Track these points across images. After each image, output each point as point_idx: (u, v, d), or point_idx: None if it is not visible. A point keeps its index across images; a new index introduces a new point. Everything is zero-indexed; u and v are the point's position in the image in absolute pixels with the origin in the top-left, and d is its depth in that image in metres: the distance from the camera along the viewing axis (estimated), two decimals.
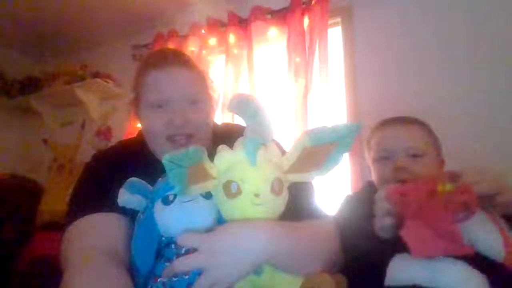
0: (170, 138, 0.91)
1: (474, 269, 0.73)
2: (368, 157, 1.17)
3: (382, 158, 1.08)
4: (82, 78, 2.50)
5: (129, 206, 0.81)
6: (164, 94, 0.92)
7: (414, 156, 1.03)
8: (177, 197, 0.74)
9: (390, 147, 1.07)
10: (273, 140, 0.79)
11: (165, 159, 0.66)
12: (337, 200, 1.14)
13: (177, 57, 0.98)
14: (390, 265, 0.79)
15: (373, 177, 1.13)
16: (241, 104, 0.71)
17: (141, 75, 0.95)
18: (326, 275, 0.75)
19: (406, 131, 1.09)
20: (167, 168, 0.66)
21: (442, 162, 1.13)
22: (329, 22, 1.98)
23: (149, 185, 0.81)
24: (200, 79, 0.98)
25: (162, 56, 0.97)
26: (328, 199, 1.67)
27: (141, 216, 0.79)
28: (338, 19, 2.06)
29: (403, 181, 0.94)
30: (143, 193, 0.79)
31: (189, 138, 0.92)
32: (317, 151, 0.74)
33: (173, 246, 0.74)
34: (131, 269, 0.79)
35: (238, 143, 0.76)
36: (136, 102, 0.98)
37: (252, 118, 0.72)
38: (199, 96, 0.95)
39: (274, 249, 0.71)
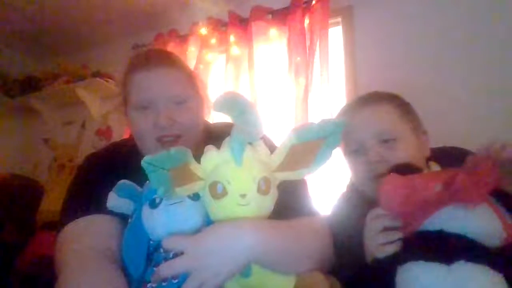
0: (160, 140, 0.90)
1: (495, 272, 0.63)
2: (341, 150, 0.98)
3: (353, 152, 0.92)
4: (83, 78, 2.49)
5: (118, 210, 0.80)
6: (148, 94, 0.90)
7: (386, 141, 0.88)
8: (164, 199, 0.73)
9: (357, 136, 0.90)
10: (263, 137, 0.78)
11: (144, 162, 0.65)
12: (333, 198, 1.08)
13: (161, 57, 0.97)
14: (404, 272, 0.67)
15: (350, 174, 0.98)
16: (227, 103, 0.70)
17: (126, 77, 0.94)
18: (320, 275, 0.74)
19: (371, 113, 0.92)
20: (146, 170, 0.65)
21: (423, 134, 0.96)
22: (330, 21, 1.96)
23: (139, 188, 0.80)
24: (186, 79, 0.96)
25: (146, 57, 0.95)
26: (326, 197, 1.66)
27: (130, 220, 0.78)
28: (339, 19, 2.05)
29: (382, 176, 0.82)
30: (132, 197, 0.79)
31: (177, 138, 0.90)
32: (306, 149, 0.73)
33: (161, 250, 0.72)
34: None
35: (225, 143, 0.75)
36: (124, 104, 0.96)
37: (239, 116, 0.70)
38: (186, 96, 0.93)
39: (261, 248, 0.70)
